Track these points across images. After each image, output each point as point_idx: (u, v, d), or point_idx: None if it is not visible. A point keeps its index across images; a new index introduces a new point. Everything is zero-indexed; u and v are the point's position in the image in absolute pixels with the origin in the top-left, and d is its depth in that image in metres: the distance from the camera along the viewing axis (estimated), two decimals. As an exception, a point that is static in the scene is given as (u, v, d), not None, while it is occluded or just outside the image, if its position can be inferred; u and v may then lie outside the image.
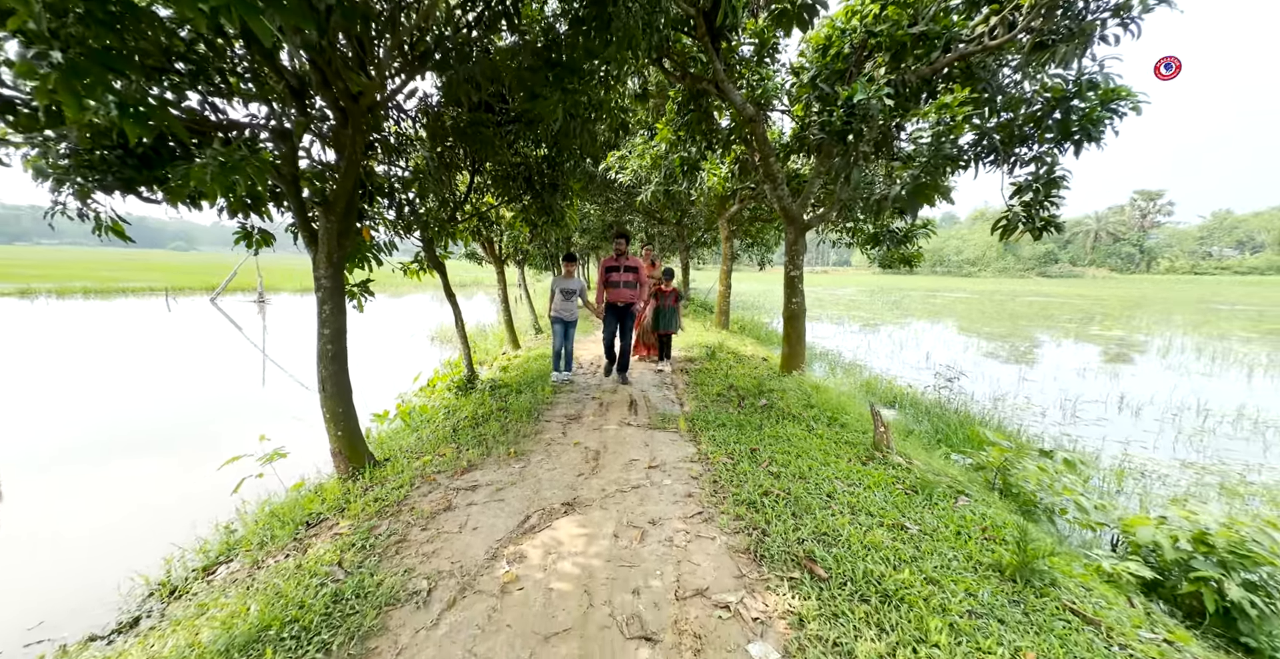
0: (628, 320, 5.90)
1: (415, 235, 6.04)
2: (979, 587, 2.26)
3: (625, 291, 5.74)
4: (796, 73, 6.05)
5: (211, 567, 3.27)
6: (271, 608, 2.14)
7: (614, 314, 5.86)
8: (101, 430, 6.67)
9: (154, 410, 7.57)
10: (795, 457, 3.76)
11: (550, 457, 3.86)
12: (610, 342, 6.02)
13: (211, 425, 7.02)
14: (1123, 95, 5.27)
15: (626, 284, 5.74)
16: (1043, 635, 1.98)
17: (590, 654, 1.90)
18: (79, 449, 6.02)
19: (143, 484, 5.17)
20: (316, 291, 3.92)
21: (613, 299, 5.82)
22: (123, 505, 4.69)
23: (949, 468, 4.29)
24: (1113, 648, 1.97)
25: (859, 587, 2.22)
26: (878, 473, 3.57)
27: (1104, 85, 5.26)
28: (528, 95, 3.80)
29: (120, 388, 8.72)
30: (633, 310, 5.87)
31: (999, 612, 2.11)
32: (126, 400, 8.06)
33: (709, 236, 16.98)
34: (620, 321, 5.88)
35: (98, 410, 7.53)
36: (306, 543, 2.98)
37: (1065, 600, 2.25)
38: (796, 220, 6.58)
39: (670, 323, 6.64)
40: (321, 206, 3.68)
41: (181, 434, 6.62)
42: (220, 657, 1.84)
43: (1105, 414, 7.60)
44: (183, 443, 6.30)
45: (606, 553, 2.56)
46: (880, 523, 2.82)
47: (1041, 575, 2.39)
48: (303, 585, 2.32)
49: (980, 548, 2.62)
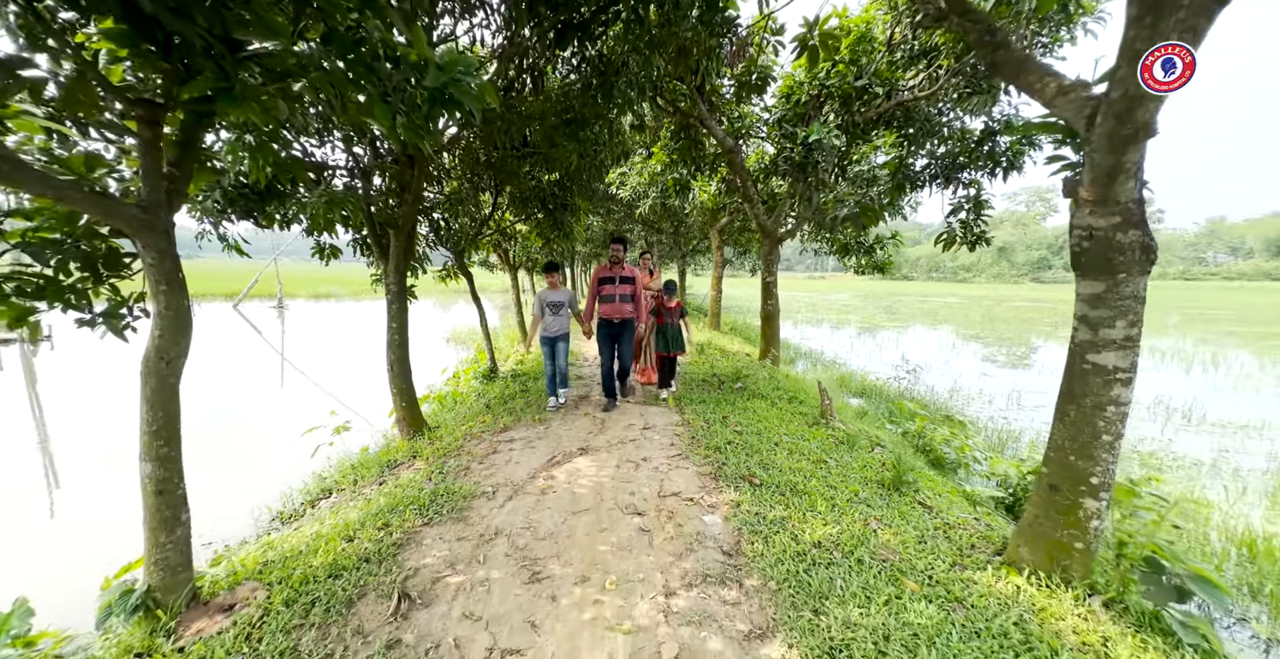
0: (624, 338, 5.18)
1: (445, 247, 7.20)
2: (861, 490, 3.37)
3: (621, 306, 5.02)
4: (769, 110, 7.24)
5: (315, 500, 4.39)
6: (393, 498, 3.25)
7: (607, 332, 5.12)
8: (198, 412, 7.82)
9: (222, 400, 8.72)
10: (757, 421, 4.87)
11: (566, 422, 4.98)
12: (609, 370, 5.21)
13: (265, 412, 8.16)
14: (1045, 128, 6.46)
15: (622, 297, 5.03)
16: (890, 512, 3.09)
17: (601, 521, 3.01)
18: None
19: (237, 452, 6.31)
20: (385, 295, 5.06)
21: (606, 314, 5.05)
22: (228, 468, 5.82)
23: (882, 433, 5.39)
24: (935, 518, 3.07)
25: (780, 488, 3.33)
26: (819, 432, 4.68)
27: (1016, 123, 6.45)
28: (549, 143, 4.96)
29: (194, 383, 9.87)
30: (631, 326, 5.20)
31: (869, 501, 3.22)
32: (203, 392, 9.21)
33: (704, 245, 18.14)
34: (616, 340, 5.16)
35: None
36: (393, 476, 4.09)
37: (918, 499, 3.36)
38: (771, 234, 7.73)
39: (676, 343, 5.70)
40: (392, 229, 4.82)
41: (248, 417, 7.76)
42: (378, 516, 2.96)
43: (1044, 402, 8.69)
44: (251, 424, 7.44)
45: (611, 475, 3.67)
46: (808, 459, 3.93)
47: (909, 485, 3.50)
48: (407, 489, 3.43)
49: (874, 473, 3.73)
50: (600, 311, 5.12)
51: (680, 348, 5.77)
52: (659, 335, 5.69)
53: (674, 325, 5.69)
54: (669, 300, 5.70)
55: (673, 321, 5.70)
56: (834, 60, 6.02)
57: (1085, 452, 2.39)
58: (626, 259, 5.27)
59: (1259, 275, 61.12)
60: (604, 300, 5.08)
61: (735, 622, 2.10)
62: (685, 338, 5.79)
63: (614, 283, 5.03)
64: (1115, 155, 2.14)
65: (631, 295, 5.10)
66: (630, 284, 5.08)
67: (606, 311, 5.07)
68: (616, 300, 5.02)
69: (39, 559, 3.92)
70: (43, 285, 2.30)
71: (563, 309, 5.16)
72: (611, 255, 5.13)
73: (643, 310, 5.38)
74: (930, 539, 2.78)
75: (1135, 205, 2.23)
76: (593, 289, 5.14)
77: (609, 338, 5.14)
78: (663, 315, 5.67)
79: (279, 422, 7.44)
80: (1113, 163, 2.16)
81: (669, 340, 5.68)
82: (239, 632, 2.01)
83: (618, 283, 5.03)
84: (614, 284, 5.03)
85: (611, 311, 5.05)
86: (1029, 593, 2.29)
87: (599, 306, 5.11)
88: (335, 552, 2.59)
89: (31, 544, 4.22)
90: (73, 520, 4.63)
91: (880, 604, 2.14)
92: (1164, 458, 5.89)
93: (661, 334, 5.68)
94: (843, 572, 2.39)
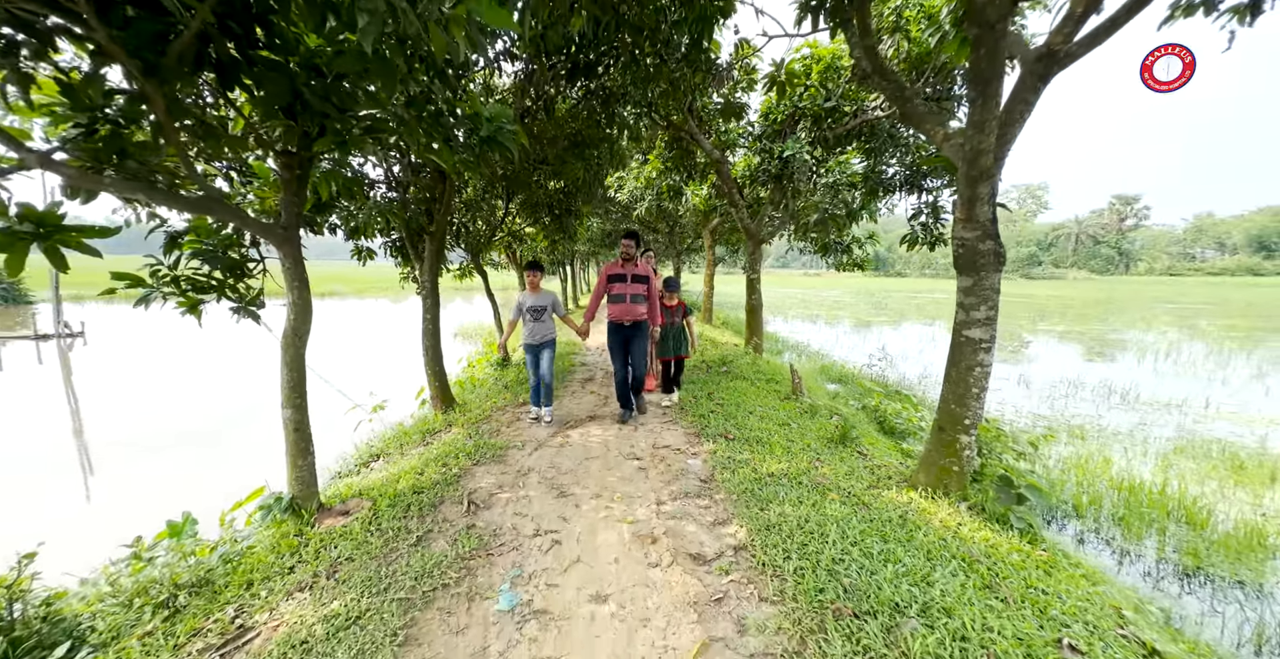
0: (637, 341, 4.65)
1: (463, 248, 8.08)
2: (814, 443, 4.29)
3: (633, 307, 4.52)
4: (751, 125, 8.12)
5: (366, 462, 5.27)
6: (444, 450, 4.14)
7: (620, 336, 4.62)
8: (236, 394, 8.69)
9: (260, 388, 9.59)
10: (737, 396, 5.77)
11: (575, 398, 5.88)
12: (624, 379, 4.77)
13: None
14: None
15: (635, 298, 4.52)
16: (832, 457, 4.00)
17: (609, 463, 3.91)
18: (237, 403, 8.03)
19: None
20: (419, 291, 5.93)
21: (616, 316, 4.56)
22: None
23: (845, 408, 6.31)
24: (867, 461, 3.98)
25: (749, 441, 4.24)
26: (788, 405, 5.59)
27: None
28: (560, 161, 5.84)
29: (232, 371, 10.72)
30: (645, 329, 4.70)
31: (817, 450, 4.13)
32: (238, 379, 10.07)
33: (698, 243, 19.04)
34: (628, 346, 4.65)
35: (225, 385, 9.54)
36: (435, 439, 4.97)
37: (858, 449, 4.28)
38: (755, 236, 8.62)
39: (681, 345, 5.31)
40: (428, 235, 5.69)
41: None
42: (437, 459, 3.85)
43: (1002, 387, 9.64)
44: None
45: (615, 435, 4.57)
46: (775, 423, 4.84)
47: (853, 441, 4.42)
48: (453, 445, 4.32)
49: (826, 433, 4.64)
50: (610, 313, 4.59)
51: (684, 351, 5.29)
52: (664, 337, 5.25)
53: (676, 326, 5.25)
54: (670, 298, 5.25)
55: (675, 322, 5.25)
56: (805, 85, 6.90)
57: (961, 401, 3.30)
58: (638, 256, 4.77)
59: (1241, 271, 62.59)
60: (614, 300, 4.54)
61: (705, 516, 3.01)
62: (689, 339, 5.36)
63: (625, 281, 4.53)
64: (971, 188, 3.04)
65: (645, 295, 4.59)
66: (644, 284, 4.59)
67: (617, 313, 4.53)
68: (628, 300, 4.51)
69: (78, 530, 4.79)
70: (208, 283, 3.18)
71: (545, 314, 4.68)
72: (622, 251, 4.59)
73: (658, 312, 4.83)
74: (857, 472, 3.70)
75: (990, 223, 3.13)
76: (599, 288, 4.66)
77: (621, 343, 4.63)
78: (663, 315, 5.13)
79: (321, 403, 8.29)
80: (970, 194, 3.06)
81: (672, 343, 5.24)
82: (361, 523, 2.90)
83: (630, 281, 4.53)
84: (625, 283, 4.53)
85: (623, 313, 4.53)
86: (918, 501, 3.20)
87: (609, 307, 4.59)
88: (413, 480, 3.48)
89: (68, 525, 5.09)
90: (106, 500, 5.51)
91: (808, 505, 3.04)
92: (1089, 428, 6.83)
93: (666, 336, 5.23)
94: (785, 489, 3.29)
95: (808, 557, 2.44)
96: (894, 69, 4.09)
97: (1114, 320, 21.68)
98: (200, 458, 6.41)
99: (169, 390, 9.70)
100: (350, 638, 1.93)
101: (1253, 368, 11.01)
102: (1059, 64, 2.91)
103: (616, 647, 1.93)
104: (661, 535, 2.78)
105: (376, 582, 2.31)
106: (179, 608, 2.46)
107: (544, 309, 4.68)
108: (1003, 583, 2.30)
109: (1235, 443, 6.14)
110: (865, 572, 2.29)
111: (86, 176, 2.32)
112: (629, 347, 4.66)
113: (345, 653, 1.84)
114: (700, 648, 1.90)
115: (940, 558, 2.45)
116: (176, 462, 6.28)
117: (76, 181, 2.33)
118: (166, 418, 8.01)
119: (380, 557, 2.55)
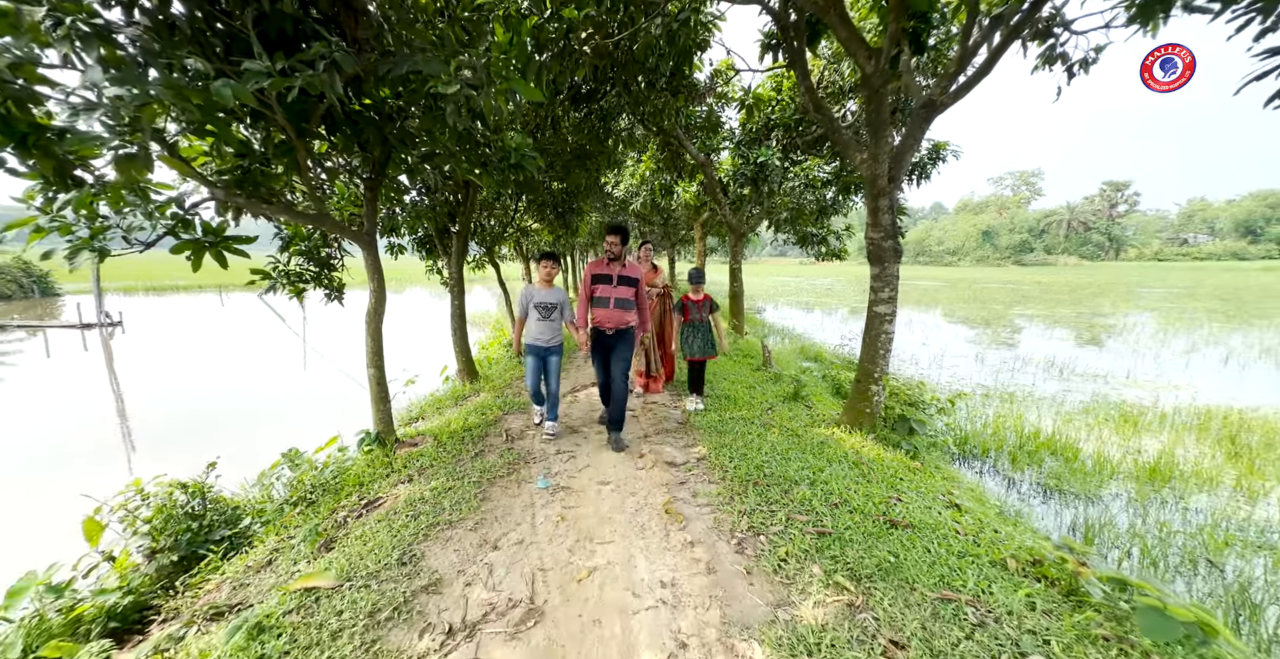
0: (618, 352, 4.01)
1: (478, 243, 9.13)
2: (772, 400, 5.42)
3: (618, 312, 3.94)
4: (732, 132, 9.14)
5: (408, 422, 6.40)
6: (479, 406, 5.26)
7: (600, 346, 4.05)
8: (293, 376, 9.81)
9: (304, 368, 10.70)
10: (715, 366, 6.89)
11: (579, 370, 7.00)
12: (605, 387, 4.20)
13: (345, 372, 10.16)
14: (943, 148, 8.45)
15: (620, 302, 3.95)
16: (784, 408, 5.13)
17: (609, 414, 5.04)
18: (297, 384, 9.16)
19: (330, 399, 8.33)
20: (445, 282, 7.02)
21: (599, 322, 3.99)
22: (329, 406, 7.82)
23: (809, 378, 7.44)
24: (810, 411, 5.12)
25: (719, 398, 5.36)
26: (758, 374, 6.72)
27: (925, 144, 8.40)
28: (565, 171, 6.88)
29: (258, 354, 11.83)
30: (630, 339, 4.08)
31: (773, 405, 5.25)
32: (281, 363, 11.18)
33: (690, 235, 20.07)
34: (607, 356, 4.04)
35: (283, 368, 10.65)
36: (466, 402, 6.10)
37: (805, 404, 5.41)
38: (736, 229, 9.69)
39: (707, 344, 4.82)
40: (455, 234, 6.74)
41: (324, 378, 9.76)
42: (476, 410, 4.97)
43: (959, 363, 10.80)
44: (334, 382, 9.46)
45: (614, 395, 5.70)
46: (744, 386, 5.96)
47: (804, 398, 5.55)
48: (486, 403, 5.44)
49: (785, 393, 5.77)
50: (593, 318, 4.04)
51: (712, 350, 4.82)
52: (685, 336, 4.83)
53: (704, 322, 4.79)
54: (695, 292, 4.80)
55: (701, 318, 4.77)
56: (776, 100, 7.92)
57: (872, 360, 4.42)
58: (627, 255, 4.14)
59: (1226, 255, 63.89)
60: (597, 305, 3.98)
61: (679, 442, 4.14)
62: (717, 336, 4.83)
63: (610, 283, 3.95)
64: (874, 202, 4.13)
65: (633, 299, 4.00)
66: (632, 286, 3.99)
67: (599, 319, 3.98)
68: (612, 305, 3.93)
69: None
70: (308, 275, 4.26)
71: (555, 313, 4.08)
72: (607, 250, 3.99)
73: (647, 318, 4.34)
74: (800, 417, 4.83)
75: (890, 226, 4.22)
76: (585, 289, 4.03)
77: (603, 350, 4.05)
78: (689, 311, 4.77)
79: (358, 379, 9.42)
80: (874, 206, 4.14)
81: (699, 342, 4.77)
82: (431, 448, 4.03)
83: (615, 283, 3.95)
84: (610, 284, 3.95)
85: (605, 319, 3.95)
86: (838, 434, 4.33)
87: (593, 311, 4.02)
88: (462, 422, 4.61)
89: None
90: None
91: (754, 435, 4.17)
92: (1020, 395, 7.99)
93: (690, 335, 4.80)
94: (741, 427, 4.42)
95: (746, 460, 3.58)
96: (827, 105, 5.14)
97: (1085, 305, 22.85)
98: (276, 419, 7.54)
99: (216, 371, 10.81)
100: (449, 497, 3.06)
101: (1187, 345, 12.19)
102: (938, 110, 3.97)
103: (615, 503, 3.06)
104: (647, 452, 3.91)
105: (454, 475, 3.45)
106: (313, 500, 3.60)
107: (555, 307, 4.06)
108: (874, 474, 3.44)
109: (1134, 404, 7.30)
110: (780, 466, 3.43)
111: (251, 203, 3.40)
112: (609, 357, 4.02)
113: (449, 503, 2.97)
114: (667, 502, 3.03)
115: (836, 461, 3.59)
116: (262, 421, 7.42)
117: (242, 205, 3.41)
118: (237, 393, 9.13)
119: (451, 464, 3.68)
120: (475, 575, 2.30)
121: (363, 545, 2.55)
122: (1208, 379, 8.89)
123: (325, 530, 2.88)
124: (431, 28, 3.49)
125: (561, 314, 4.13)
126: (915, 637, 1.83)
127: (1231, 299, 24.49)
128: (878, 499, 2.99)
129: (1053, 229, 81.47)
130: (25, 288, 24.70)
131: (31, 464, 6.30)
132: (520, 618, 2.02)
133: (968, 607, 1.99)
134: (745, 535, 2.63)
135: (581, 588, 2.22)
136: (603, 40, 4.62)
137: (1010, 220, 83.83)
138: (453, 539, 2.63)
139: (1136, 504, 4.42)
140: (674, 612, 2.06)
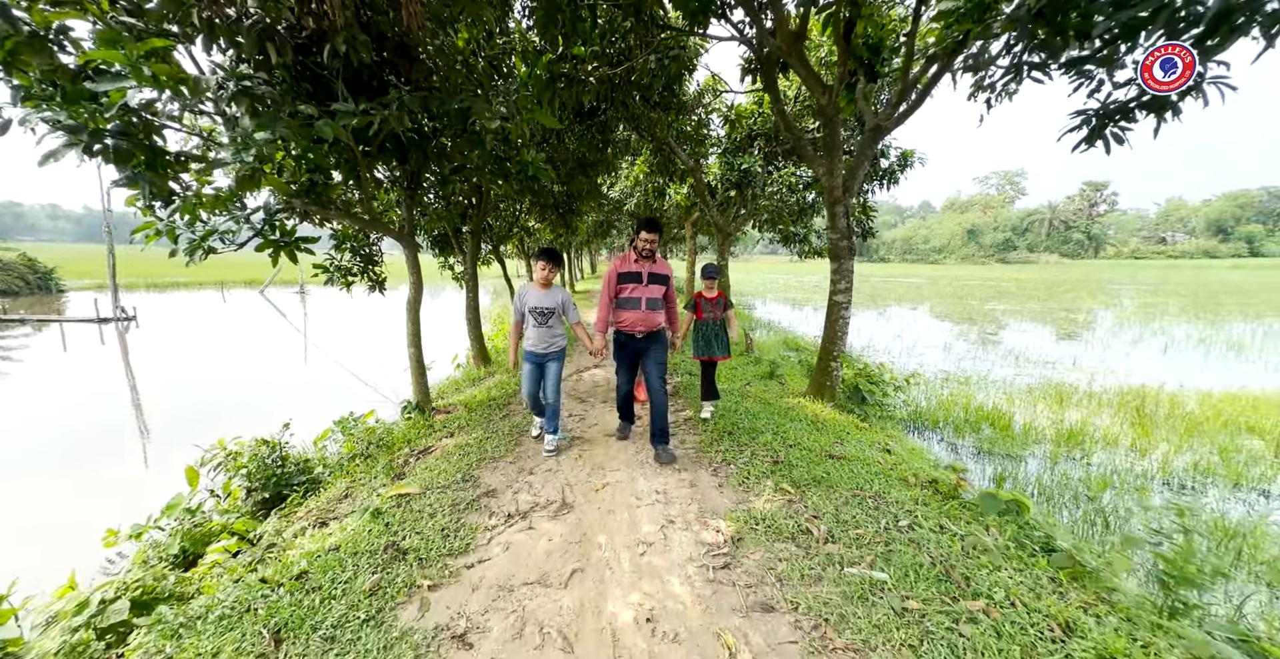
0: (652, 355, 3.69)
1: (485, 241, 9.91)
2: (750, 378, 6.27)
3: (650, 314, 3.61)
4: (719, 141, 9.98)
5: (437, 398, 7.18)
6: (498, 382, 6.06)
7: (627, 351, 3.72)
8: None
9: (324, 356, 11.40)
10: (702, 353, 7.74)
11: (582, 355, 7.82)
12: (626, 394, 4.01)
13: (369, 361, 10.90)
14: (910, 155, 9.36)
15: (652, 303, 3.61)
16: (761, 384, 5.99)
17: (613, 389, 5.87)
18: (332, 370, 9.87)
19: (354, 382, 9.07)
20: (459, 276, 7.80)
21: (629, 325, 3.62)
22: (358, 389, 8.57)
23: (788, 363, 8.32)
24: (783, 387, 5.98)
25: (705, 376, 6.22)
26: (741, 359, 7.58)
27: (890, 150, 9.31)
28: (569, 177, 7.68)
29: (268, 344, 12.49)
30: (664, 341, 3.79)
31: (750, 381, 6.11)
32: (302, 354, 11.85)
33: (681, 234, 20.91)
34: (639, 361, 3.74)
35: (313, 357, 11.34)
36: (484, 382, 6.89)
37: (779, 381, 6.28)
38: (723, 229, 10.54)
39: (720, 344, 4.48)
40: (470, 234, 7.51)
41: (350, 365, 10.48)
42: (496, 386, 5.77)
43: (927, 351, 11.75)
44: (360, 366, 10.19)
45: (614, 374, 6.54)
46: (726, 367, 6.81)
47: (778, 376, 6.42)
48: (503, 382, 6.23)
49: (763, 373, 6.63)
50: (619, 321, 3.65)
51: (725, 350, 4.47)
52: (696, 336, 4.50)
53: (716, 321, 4.46)
54: (709, 288, 4.47)
55: (716, 316, 4.45)
56: (758, 112, 8.77)
57: (832, 340, 5.28)
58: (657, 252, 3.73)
59: (1198, 253, 66.14)
60: (625, 306, 3.61)
61: (670, 407, 4.98)
62: (729, 336, 4.52)
63: (641, 282, 3.59)
64: (831, 209, 4.98)
65: (664, 298, 3.70)
66: (664, 284, 3.68)
67: (630, 321, 3.60)
68: (644, 306, 3.58)
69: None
70: (356, 269, 5.03)
71: (554, 318, 3.75)
72: (643, 247, 3.57)
73: (676, 317, 3.99)
74: (773, 390, 5.69)
75: (846, 228, 5.08)
76: (608, 289, 3.66)
77: (631, 355, 3.72)
78: (701, 309, 4.45)
79: (397, 361, 10.17)
80: (831, 211, 5.00)
81: (711, 341, 4.44)
82: (464, 415, 4.83)
83: (647, 282, 3.60)
84: (641, 284, 3.59)
85: (637, 321, 3.59)
86: (803, 402, 5.19)
87: (617, 313, 3.66)
88: (485, 395, 5.42)
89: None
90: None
91: (733, 404, 5.02)
92: (975, 378, 8.93)
93: (700, 334, 4.47)
94: (722, 398, 5.27)
95: (724, 419, 4.42)
96: (795, 125, 5.99)
97: (1055, 301, 24.05)
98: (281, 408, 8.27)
99: (235, 361, 11.47)
100: (489, 444, 3.87)
101: (1135, 336, 13.26)
102: (884, 133, 4.83)
103: (619, 448, 3.90)
104: (643, 415, 4.75)
105: (489, 431, 4.26)
106: (370, 454, 4.40)
107: (552, 311, 3.72)
108: (825, 428, 4.30)
109: (1072, 385, 8.27)
110: (751, 422, 4.29)
111: (320, 209, 4.18)
112: (641, 361, 3.70)
113: (490, 447, 3.79)
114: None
115: (797, 420, 4.45)
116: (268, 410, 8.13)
117: (313, 212, 4.19)
118: (276, 378, 9.82)
119: (484, 424, 4.49)
120: (520, 488, 3.13)
121: (430, 473, 3.37)
122: (1142, 365, 9.91)
123: (395, 466, 3.68)
124: (465, 65, 4.29)
125: (565, 314, 3.77)
126: (828, 513, 2.68)
127: (1189, 295, 25.84)
128: (824, 443, 3.85)
129: (1035, 228, 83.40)
130: (31, 284, 25.11)
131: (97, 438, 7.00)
132: (556, 510, 2.85)
133: (870, 499, 2.85)
134: (719, 465, 3.47)
135: (599, 495, 3.05)
136: (605, 70, 5.42)
137: (994, 219, 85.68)
138: (498, 468, 3.45)
139: (1050, 461, 5.33)
140: (665, 506, 2.89)
